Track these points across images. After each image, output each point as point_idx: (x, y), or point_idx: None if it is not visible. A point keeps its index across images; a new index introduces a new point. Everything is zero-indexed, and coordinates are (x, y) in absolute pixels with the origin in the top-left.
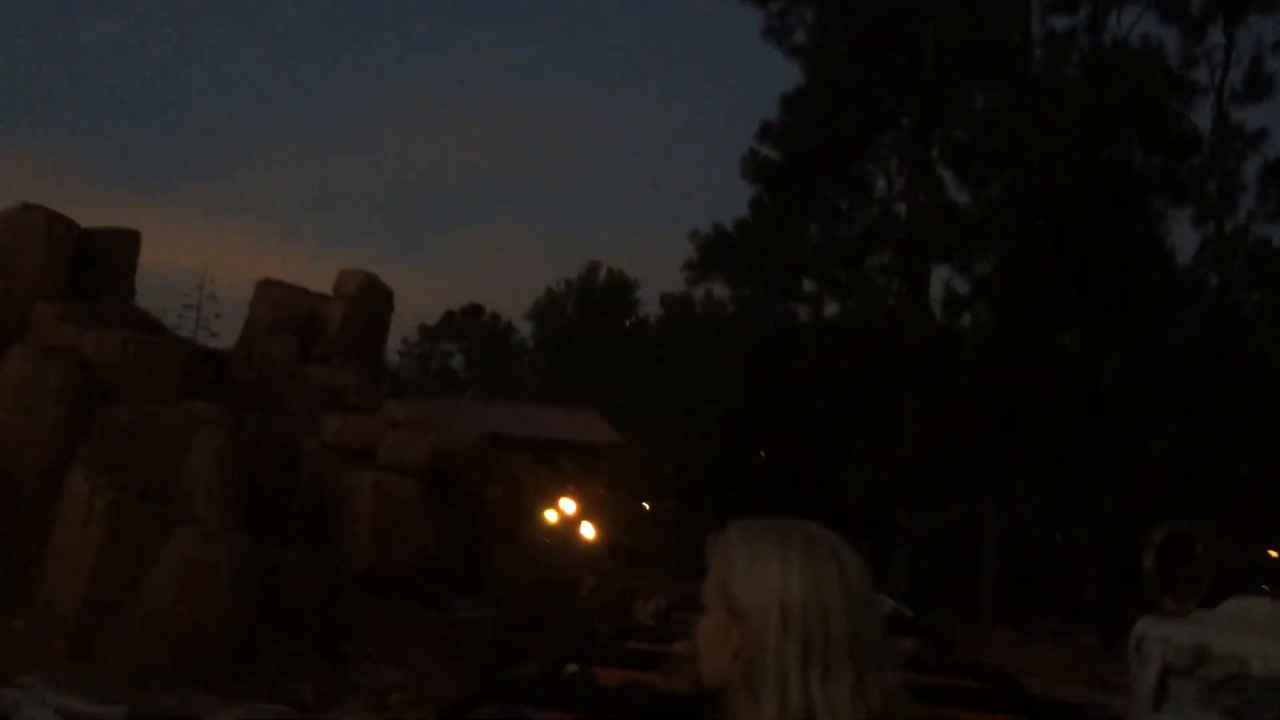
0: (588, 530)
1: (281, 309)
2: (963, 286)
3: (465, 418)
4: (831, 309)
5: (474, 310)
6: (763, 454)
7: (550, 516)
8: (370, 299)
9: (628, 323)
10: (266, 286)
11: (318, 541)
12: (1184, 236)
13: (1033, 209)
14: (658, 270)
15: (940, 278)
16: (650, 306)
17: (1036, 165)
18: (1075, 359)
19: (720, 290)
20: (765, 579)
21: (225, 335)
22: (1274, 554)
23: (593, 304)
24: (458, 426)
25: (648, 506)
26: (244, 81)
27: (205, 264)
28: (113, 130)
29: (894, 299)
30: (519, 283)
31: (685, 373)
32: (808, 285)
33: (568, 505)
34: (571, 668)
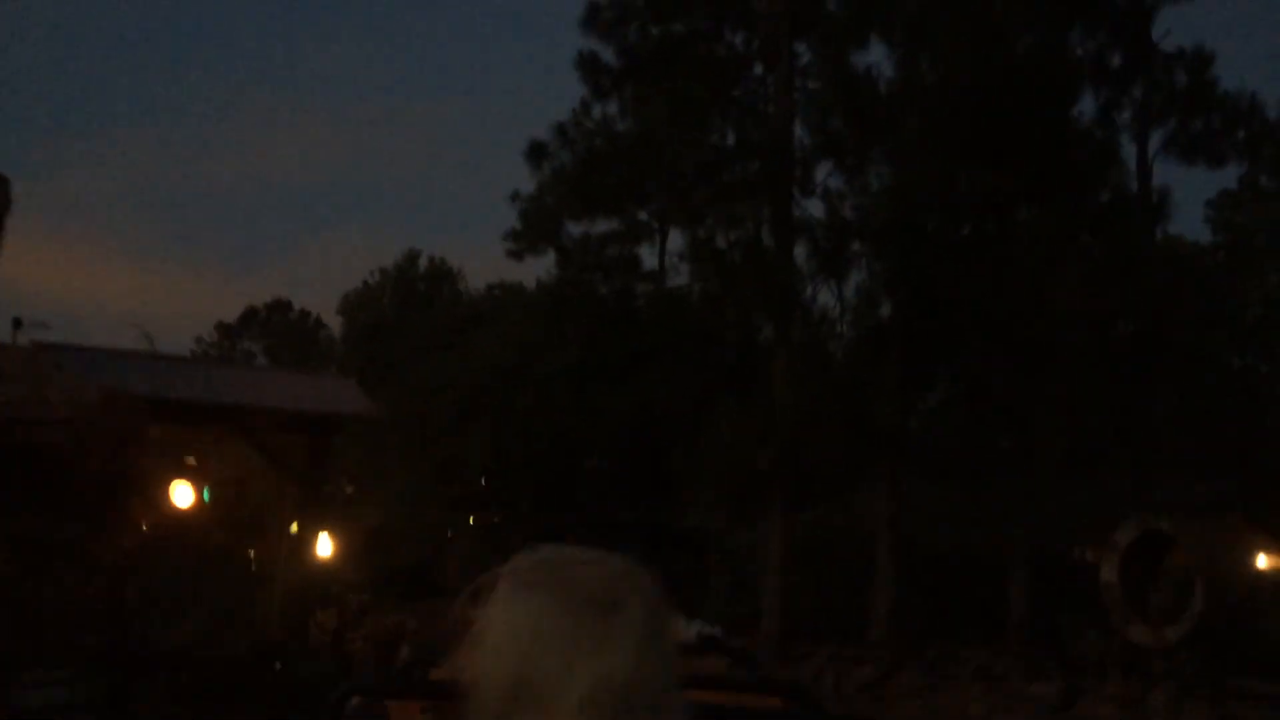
0: (324, 546)
1: None
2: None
3: (104, 377)
4: (679, 279)
5: (280, 306)
6: (594, 456)
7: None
8: None
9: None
10: None
11: None
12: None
13: (934, 105)
14: (490, 267)
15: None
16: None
17: (939, 42)
18: (994, 312)
19: (549, 261)
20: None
21: None
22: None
23: (413, 295)
24: (84, 384)
25: (473, 520)
26: (64, 78)
27: None
28: None
29: (756, 227)
30: (346, 287)
31: (500, 344)
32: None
33: (182, 495)
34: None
